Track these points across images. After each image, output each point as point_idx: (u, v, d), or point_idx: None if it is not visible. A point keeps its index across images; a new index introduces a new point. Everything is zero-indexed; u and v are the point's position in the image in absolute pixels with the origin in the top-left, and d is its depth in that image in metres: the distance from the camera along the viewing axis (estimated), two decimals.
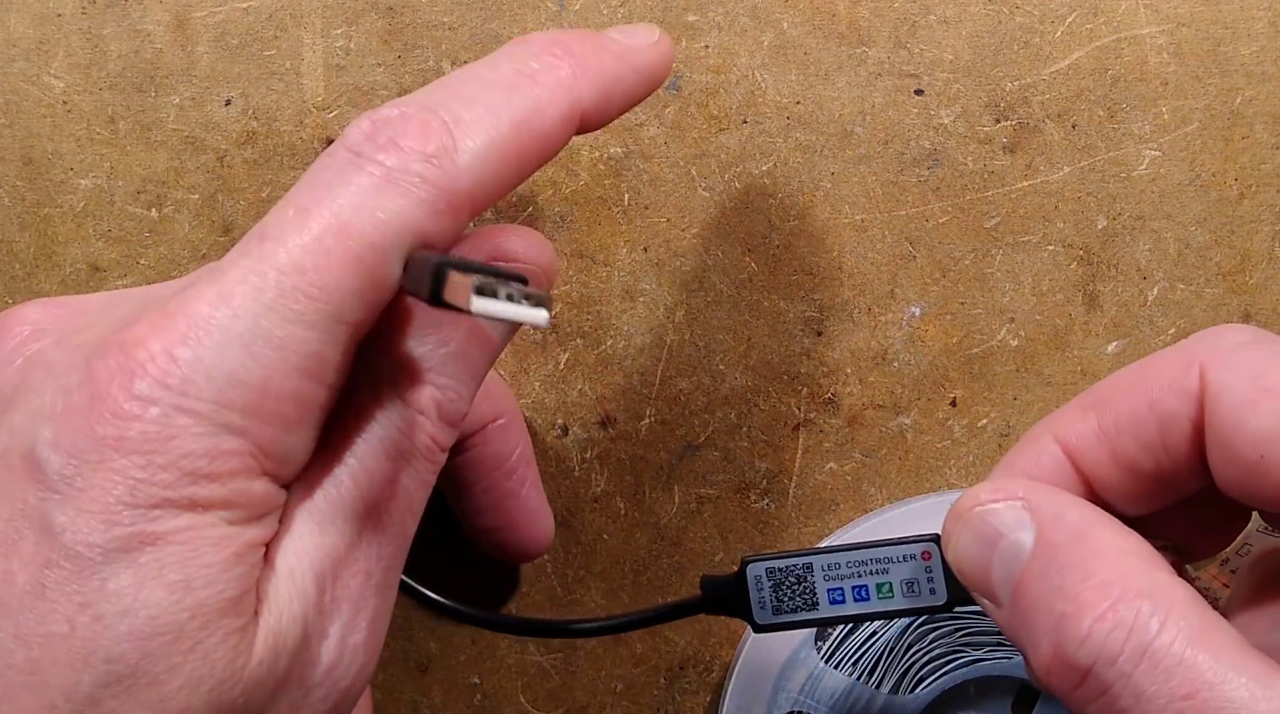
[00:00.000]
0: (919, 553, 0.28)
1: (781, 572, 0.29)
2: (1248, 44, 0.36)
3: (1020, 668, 0.35)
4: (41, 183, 0.36)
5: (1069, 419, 0.25)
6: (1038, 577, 0.22)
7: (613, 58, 0.26)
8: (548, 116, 0.24)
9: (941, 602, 0.28)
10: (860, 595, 0.28)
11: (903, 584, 0.28)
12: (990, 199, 0.37)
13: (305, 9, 0.36)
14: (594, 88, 0.25)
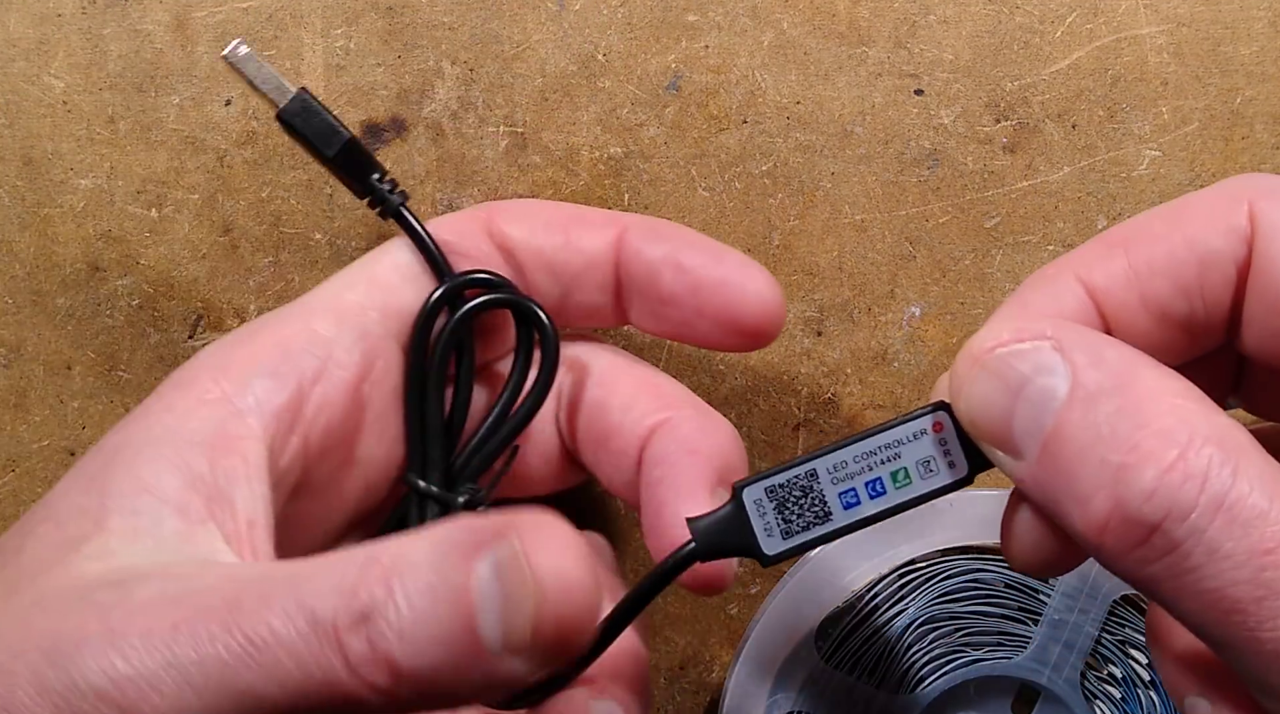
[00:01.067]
0: (930, 426, 0.24)
1: (784, 488, 0.25)
2: (1248, 44, 0.36)
3: (1020, 668, 0.35)
4: (41, 183, 0.36)
5: (1093, 257, 0.23)
6: (1080, 425, 0.20)
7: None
8: None
9: (964, 474, 0.25)
10: (876, 490, 0.25)
11: (919, 466, 0.25)
12: (990, 199, 0.37)
13: (305, 9, 0.36)
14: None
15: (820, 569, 0.36)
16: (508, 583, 0.21)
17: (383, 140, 0.36)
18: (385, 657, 0.20)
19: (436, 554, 0.21)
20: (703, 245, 0.30)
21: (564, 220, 0.30)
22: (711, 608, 0.37)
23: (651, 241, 0.29)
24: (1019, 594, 0.35)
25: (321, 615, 0.21)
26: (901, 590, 0.35)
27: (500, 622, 0.21)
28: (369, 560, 0.21)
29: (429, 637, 0.20)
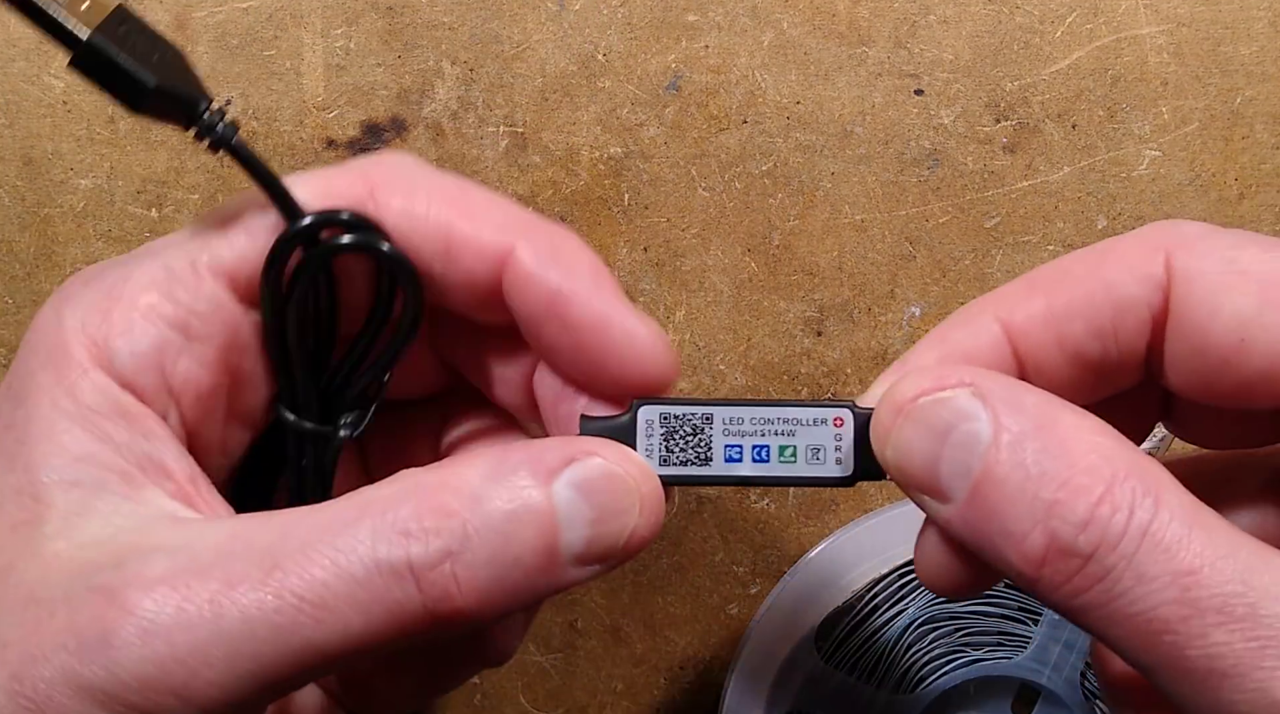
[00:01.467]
0: (832, 418, 0.26)
1: (677, 419, 0.26)
2: (1248, 44, 0.36)
3: (1020, 668, 0.35)
4: (41, 183, 0.36)
5: (1014, 298, 0.24)
6: (1008, 465, 0.21)
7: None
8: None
9: (846, 474, 0.25)
10: (760, 456, 0.26)
11: (808, 450, 0.26)
12: (990, 199, 0.37)
13: (305, 9, 0.36)
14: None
15: (820, 569, 0.36)
16: (604, 499, 0.23)
17: (383, 140, 0.36)
18: (474, 587, 0.22)
19: (502, 480, 0.22)
20: (597, 287, 0.26)
21: (449, 224, 0.26)
22: (711, 608, 0.37)
23: (545, 269, 0.26)
24: (1019, 594, 0.35)
25: (389, 559, 0.21)
26: (901, 590, 0.35)
27: (586, 536, 0.23)
28: (421, 500, 0.22)
29: (513, 559, 0.22)
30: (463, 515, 0.22)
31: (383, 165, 0.26)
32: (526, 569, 0.22)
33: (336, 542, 0.21)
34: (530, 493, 0.22)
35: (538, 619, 0.37)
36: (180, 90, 0.26)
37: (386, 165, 0.26)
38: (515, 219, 0.26)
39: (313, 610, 0.21)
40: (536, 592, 0.23)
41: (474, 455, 0.23)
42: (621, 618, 0.37)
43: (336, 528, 0.22)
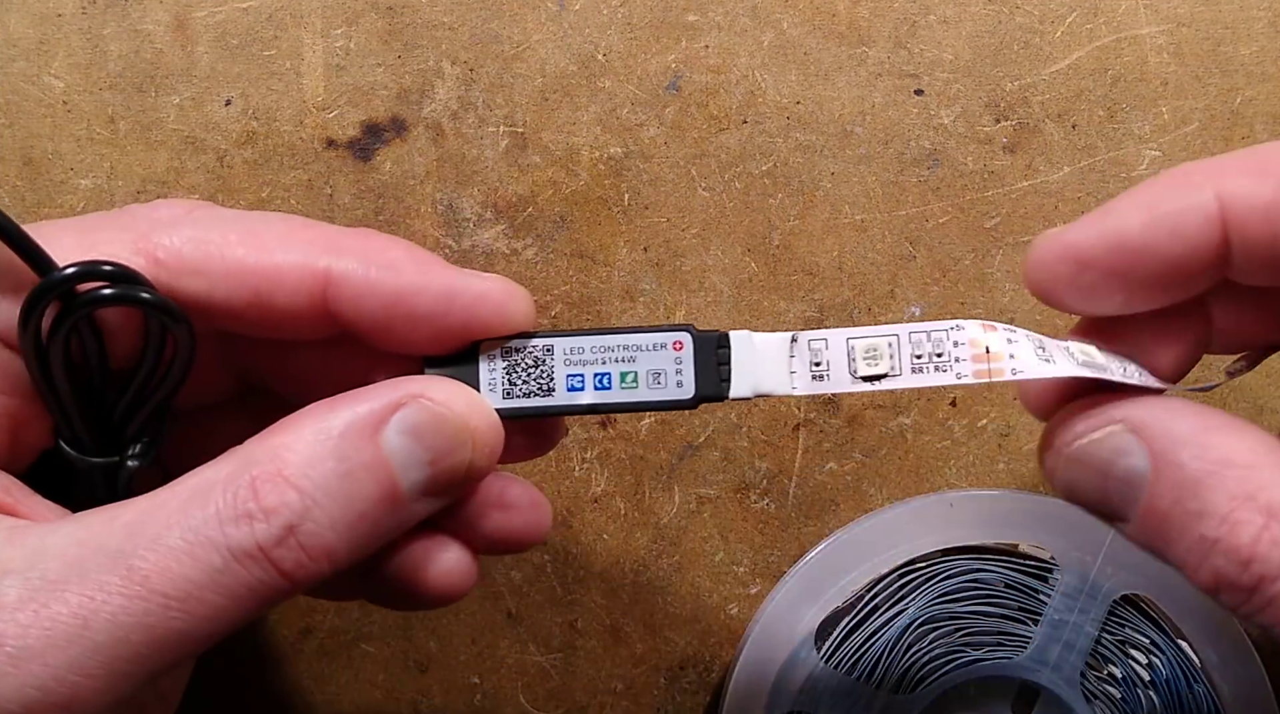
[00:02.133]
0: (671, 342, 0.26)
1: (518, 352, 0.26)
2: (1248, 44, 0.36)
3: (1020, 668, 0.35)
4: (41, 183, 0.36)
5: (1239, 176, 0.23)
6: (1170, 501, 0.22)
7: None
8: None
9: (689, 396, 0.26)
10: (602, 384, 0.26)
11: (649, 375, 0.26)
12: (990, 199, 0.37)
13: (305, 9, 0.36)
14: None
15: (820, 569, 0.36)
16: (435, 440, 0.24)
17: (383, 140, 0.36)
18: (323, 551, 0.23)
19: (331, 440, 0.23)
20: (426, 270, 0.26)
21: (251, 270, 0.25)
22: (711, 608, 0.37)
23: (371, 279, 0.25)
24: (1019, 594, 0.35)
25: (239, 543, 0.22)
26: (901, 590, 0.35)
27: (425, 476, 0.24)
28: (255, 477, 0.22)
29: (357, 515, 0.23)
30: (298, 486, 0.22)
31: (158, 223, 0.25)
32: (373, 519, 0.23)
33: (186, 534, 0.22)
34: (361, 449, 0.23)
35: (538, 619, 0.37)
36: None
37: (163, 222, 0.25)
38: (314, 239, 0.26)
39: (180, 605, 0.21)
40: (387, 532, 0.24)
41: (299, 419, 0.24)
42: (621, 618, 0.37)
43: (184, 520, 0.22)
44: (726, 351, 0.27)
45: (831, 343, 0.26)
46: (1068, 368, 0.24)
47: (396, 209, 0.36)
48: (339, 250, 0.25)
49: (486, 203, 0.37)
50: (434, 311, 0.25)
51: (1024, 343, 0.25)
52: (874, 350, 0.26)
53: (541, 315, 0.37)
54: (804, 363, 0.26)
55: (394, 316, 0.25)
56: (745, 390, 0.26)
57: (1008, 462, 0.37)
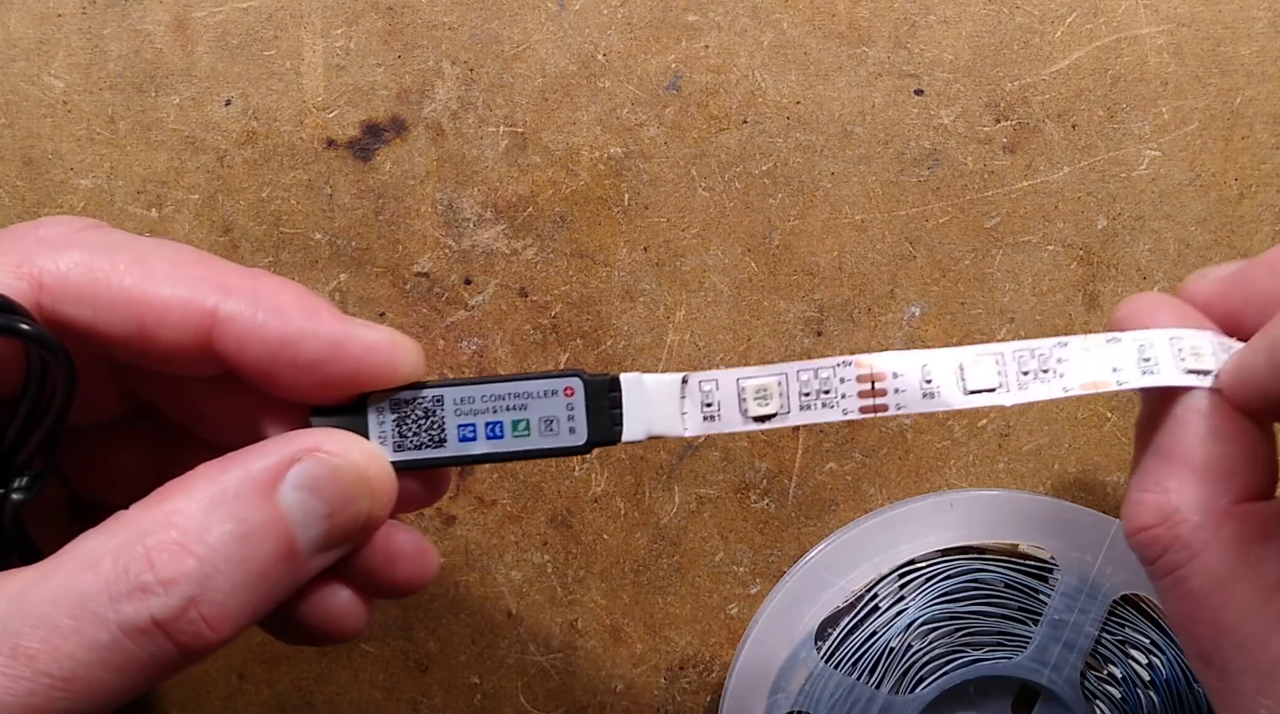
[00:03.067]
0: (562, 388, 0.26)
1: (407, 404, 0.26)
2: (1248, 44, 0.36)
3: (1020, 668, 0.35)
4: (41, 183, 0.36)
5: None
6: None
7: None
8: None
9: (581, 442, 0.26)
10: (494, 433, 0.26)
11: (541, 422, 0.26)
12: (990, 199, 0.37)
13: (305, 9, 0.36)
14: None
15: (820, 569, 0.36)
16: (333, 494, 0.23)
17: (383, 140, 0.36)
18: (225, 619, 0.22)
19: (226, 504, 0.22)
20: (315, 318, 0.25)
21: (137, 301, 0.24)
22: (711, 608, 0.37)
23: (258, 322, 0.25)
24: (1019, 594, 0.35)
25: (134, 621, 0.21)
26: (901, 590, 0.35)
27: (324, 531, 0.23)
28: (149, 547, 0.22)
29: (257, 576, 0.22)
30: (196, 553, 0.22)
31: (43, 243, 0.25)
32: (273, 579, 0.23)
33: (74, 610, 0.21)
34: (258, 508, 0.23)
35: (538, 619, 0.37)
36: None
37: (49, 243, 0.25)
38: (205, 276, 0.25)
39: (65, 686, 0.21)
40: (286, 589, 0.23)
41: (190, 481, 0.23)
42: (621, 618, 0.37)
43: (71, 595, 0.21)
44: (618, 395, 0.26)
45: (722, 384, 0.26)
46: (956, 401, 0.25)
47: (396, 209, 0.36)
48: (228, 290, 0.25)
49: (486, 203, 0.37)
50: (320, 360, 0.25)
51: (942, 374, 0.25)
52: (764, 390, 0.26)
53: (541, 315, 0.37)
54: (695, 404, 0.26)
55: (279, 362, 0.25)
56: (638, 433, 0.26)
57: (1008, 462, 0.37)
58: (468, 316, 0.37)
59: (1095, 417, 0.37)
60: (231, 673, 0.37)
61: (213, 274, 0.25)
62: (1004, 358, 0.25)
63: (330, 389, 0.25)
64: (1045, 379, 0.25)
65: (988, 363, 0.25)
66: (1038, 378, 0.25)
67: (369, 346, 0.25)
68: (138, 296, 0.24)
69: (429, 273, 0.37)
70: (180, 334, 0.24)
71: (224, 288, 0.25)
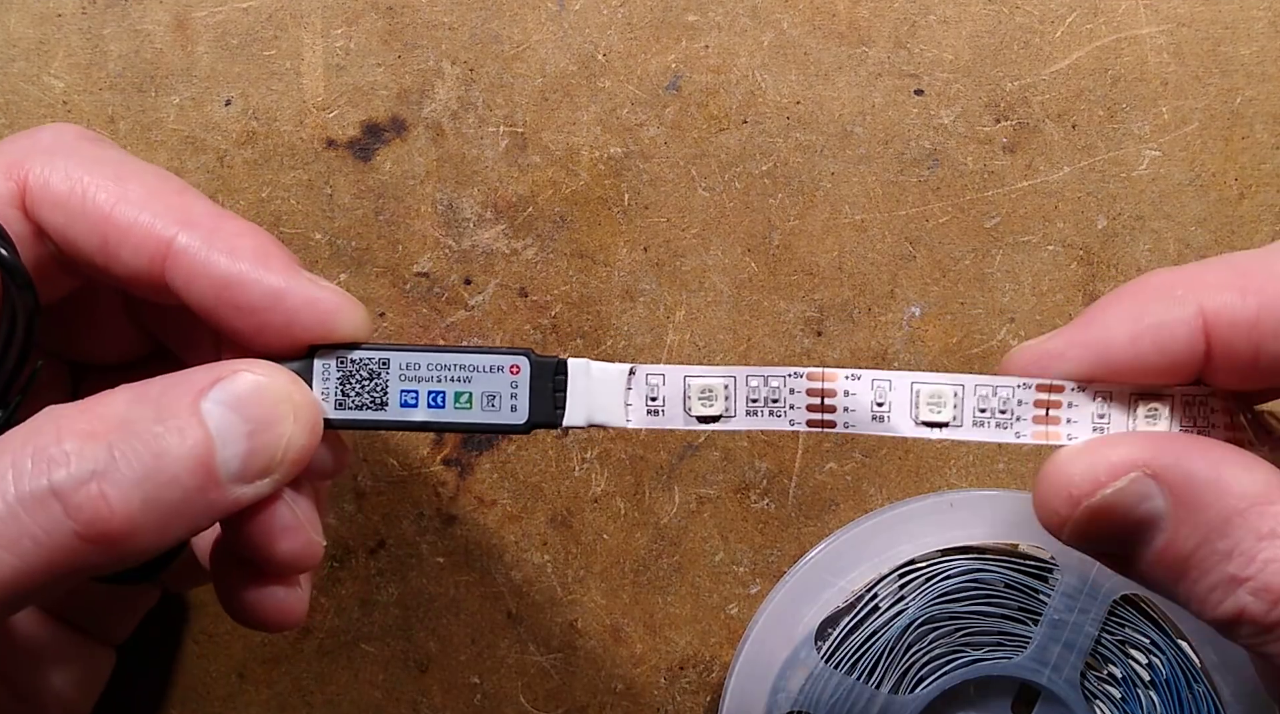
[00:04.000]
0: (508, 366, 0.26)
1: (354, 363, 0.26)
2: (1248, 44, 0.36)
3: (1020, 668, 0.35)
4: None
5: (1223, 294, 0.23)
6: (1193, 542, 0.22)
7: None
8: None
9: (521, 421, 0.26)
10: (435, 402, 0.26)
11: (484, 396, 0.26)
12: (990, 199, 0.37)
13: (305, 9, 0.36)
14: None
15: (820, 569, 0.36)
16: (257, 410, 0.23)
17: (383, 140, 0.36)
18: (125, 507, 0.21)
19: (149, 402, 0.22)
20: (264, 265, 0.25)
21: (105, 216, 0.25)
22: (711, 608, 0.37)
23: (206, 258, 0.25)
24: (1019, 594, 0.35)
25: (31, 490, 0.21)
26: (901, 590, 0.35)
27: (243, 450, 0.23)
28: (62, 427, 0.22)
29: (169, 478, 0.22)
30: (108, 436, 0.22)
31: (39, 148, 0.25)
32: (184, 488, 0.22)
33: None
34: (178, 408, 0.22)
35: (538, 619, 0.37)
36: None
37: (43, 148, 0.25)
38: (174, 206, 0.25)
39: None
40: (200, 511, 0.23)
41: (118, 388, 0.23)
42: (621, 618, 0.37)
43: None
44: (564, 379, 0.26)
45: (669, 379, 0.26)
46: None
47: (396, 209, 0.36)
48: (189, 223, 0.25)
49: (486, 203, 0.37)
50: (259, 306, 0.25)
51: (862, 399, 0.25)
52: (709, 391, 0.26)
53: (541, 315, 0.37)
54: (640, 396, 0.26)
55: (221, 303, 0.25)
56: (579, 419, 0.26)
57: (1008, 462, 0.37)
58: (468, 316, 0.37)
59: None
60: (231, 673, 0.37)
61: (183, 205, 0.25)
62: (963, 391, 0.25)
63: (268, 337, 0.25)
64: (1002, 421, 0.25)
65: (946, 394, 0.25)
66: (994, 418, 0.25)
67: (309, 300, 0.25)
68: (105, 213, 0.25)
69: (429, 273, 0.37)
70: (138, 257, 0.25)
71: (186, 220, 0.25)
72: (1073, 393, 0.24)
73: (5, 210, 0.25)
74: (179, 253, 0.25)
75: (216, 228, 0.25)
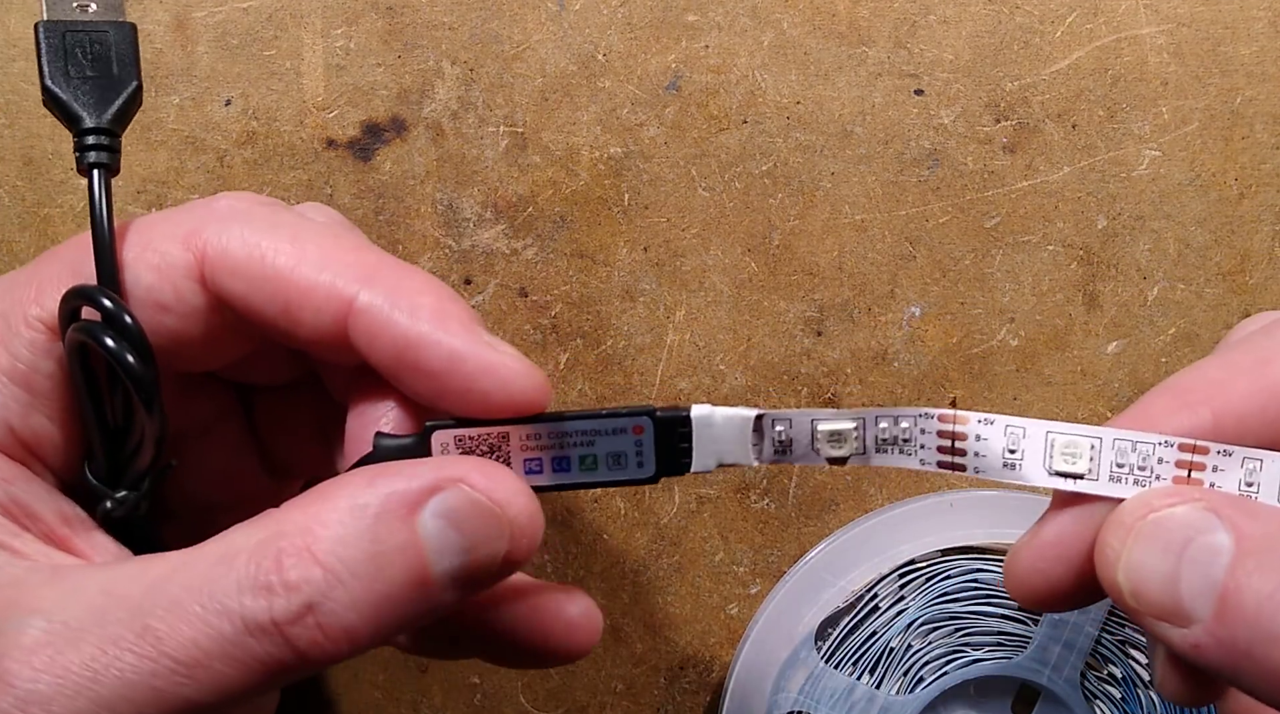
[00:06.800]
0: (631, 427, 0.25)
1: (473, 440, 0.25)
2: (1248, 44, 0.36)
3: (1020, 668, 0.35)
4: (41, 183, 0.36)
5: (1174, 420, 0.23)
6: (1258, 575, 0.20)
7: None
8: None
9: (649, 475, 0.26)
10: (560, 467, 0.26)
11: (608, 457, 0.26)
12: (990, 199, 0.37)
13: (305, 9, 0.36)
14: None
15: (820, 569, 0.36)
16: (474, 529, 0.23)
17: (383, 140, 0.36)
18: (342, 632, 0.22)
19: (364, 521, 0.22)
20: (443, 327, 0.25)
21: (285, 280, 0.25)
22: (711, 608, 0.37)
23: (387, 318, 0.25)
24: None
25: (256, 618, 0.21)
26: (901, 590, 0.35)
27: (458, 565, 0.23)
28: (282, 550, 0.22)
29: (382, 597, 0.22)
30: (324, 563, 0.22)
31: (214, 216, 0.25)
32: (399, 603, 0.22)
33: (204, 599, 0.21)
34: (396, 531, 0.22)
35: None
36: (66, 104, 0.26)
37: (219, 216, 0.25)
38: (354, 263, 0.25)
39: (187, 671, 0.21)
40: (411, 620, 0.23)
41: (335, 488, 0.23)
42: (621, 618, 0.37)
43: (204, 585, 0.22)
44: (688, 431, 0.26)
45: (796, 423, 0.26)
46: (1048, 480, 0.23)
47: (396, 209, 0.36)
48: (370, 281, 0.25)
49: (486, 203, 0.37)
50: (438, 370, 0.24)
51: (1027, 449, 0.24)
52: (839, 435, 0.25)
53: (541, 315, 0.37)
54: (768, 440, 0.26)
55: (403, 364, 0.24)
56: (709, 464, 0.26)
57: None
58: None
59: (1095, 416, 0.37)
60: None
61: (362, 263, 0.25)
62: (1101, 445, 0.23)
63: (448, 402, 0.25)
64: (1140, 479, 0.23)
65: (1082, 445, 0.23)
66: (1133, 475, 0.23)
67: (485, 367, 0.24)
68: (285, 276, 0.25)
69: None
70: (320, 318, 0.25)
71: (367, 278, 0.25)
72: (1219, 456, 0.23)
73: (181, 282, 0.25)
74: (360, 312, 0.24)
75: (398, 285, 0.25)
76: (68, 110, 0.26)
